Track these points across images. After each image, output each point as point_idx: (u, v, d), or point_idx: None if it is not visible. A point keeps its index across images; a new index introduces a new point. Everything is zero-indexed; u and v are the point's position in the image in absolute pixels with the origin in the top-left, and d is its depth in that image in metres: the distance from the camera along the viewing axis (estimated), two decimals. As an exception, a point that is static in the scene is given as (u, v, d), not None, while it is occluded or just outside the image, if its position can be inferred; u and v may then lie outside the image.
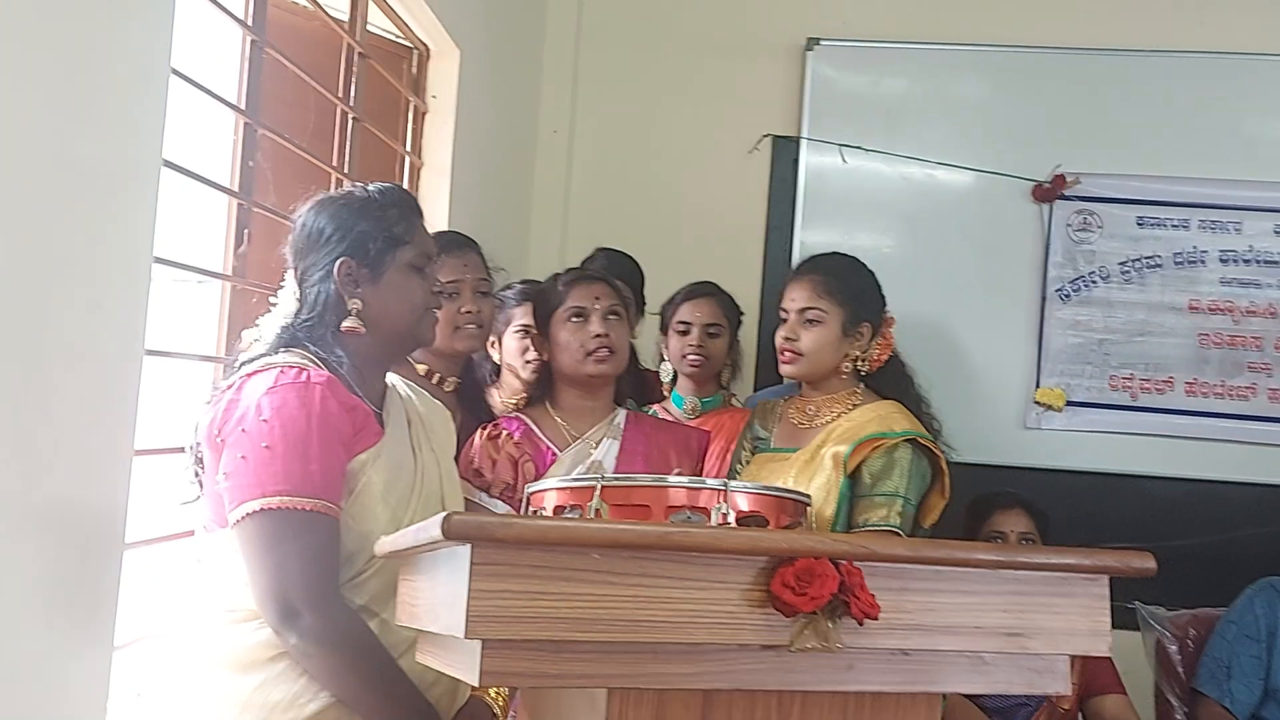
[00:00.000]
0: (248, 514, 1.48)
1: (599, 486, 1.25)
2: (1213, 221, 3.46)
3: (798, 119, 3.62)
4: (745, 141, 3.67)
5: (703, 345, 2.63)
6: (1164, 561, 1.41)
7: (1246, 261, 3.46)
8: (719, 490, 1.24)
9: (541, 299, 2.16)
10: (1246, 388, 3.43)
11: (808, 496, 1.34)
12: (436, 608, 1.12)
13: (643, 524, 1.07)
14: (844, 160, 3.56)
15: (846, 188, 3.57)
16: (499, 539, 0.96)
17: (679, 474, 1.60)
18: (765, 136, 3.66)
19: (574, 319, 2.07)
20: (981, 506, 2.73)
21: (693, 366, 2.62)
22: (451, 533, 0.95)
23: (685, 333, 2.65)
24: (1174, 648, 2.76)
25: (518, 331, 2.40)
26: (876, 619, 1.03)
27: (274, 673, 1.53)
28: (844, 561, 1.03)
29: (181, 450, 1.63)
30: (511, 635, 0.97)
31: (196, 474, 1.60)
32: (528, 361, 2.36)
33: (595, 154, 3.74)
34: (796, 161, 3.60)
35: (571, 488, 1.28)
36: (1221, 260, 3.46)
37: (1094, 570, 1.10)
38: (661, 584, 1.01)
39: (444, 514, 0.96)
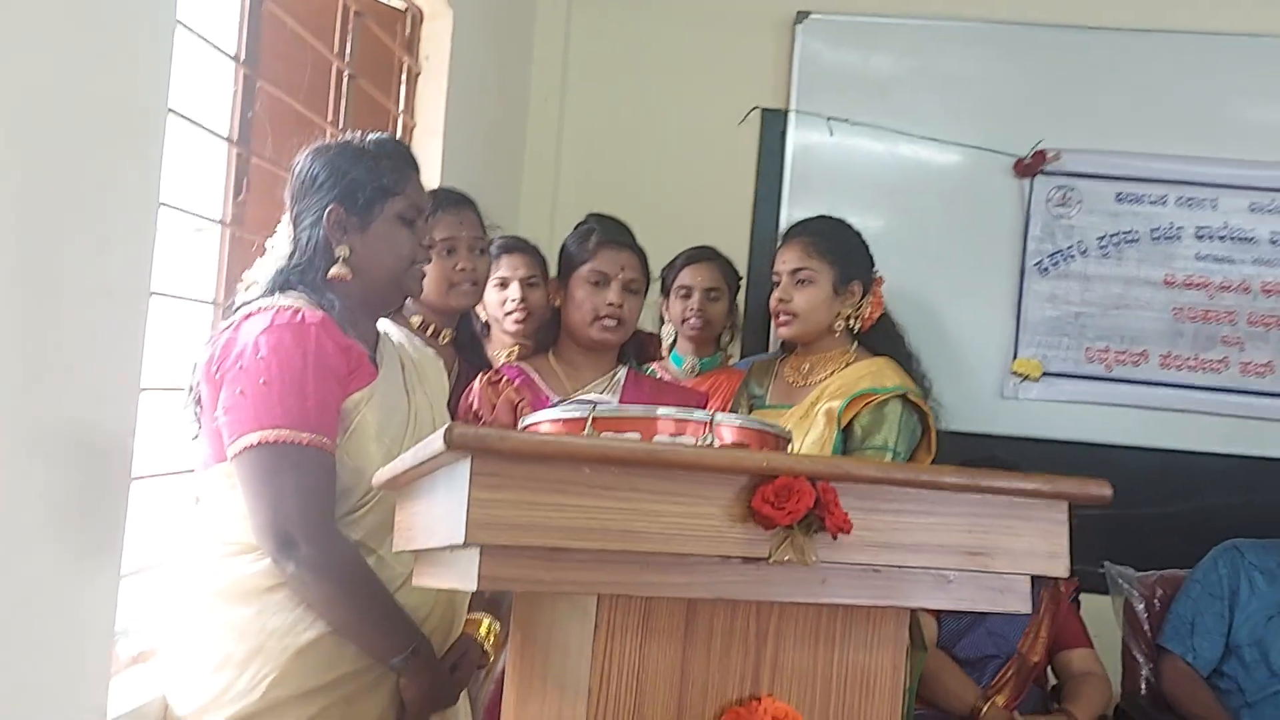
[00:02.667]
0: (246, 447, 1.54)
1: (591, 417, 1.31)
2: (1189, 198, 3.53)
3: (786, 92, 3.66)
4: (734, 113, 3.70)
5: (703, 309, 2.69)
6: (1135, 528, 1.46)
7: (1221, 238, 3.53)
8: (705, 422, 1.31)
9: (569, 251, 2.19)
10: (1219, 361, 3.51)
11: (788, 432, 1.41)
12: (434, 525, 1.18)
13: (632, 441, 1.13)
14: (831, 133, 3.61)
15: (833, 161, 3.62)
16: (497, 450, 1.02)
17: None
18: (754, 109, 3.69)
19: (594, 281, 2.13)
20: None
21: (693, 329, 2.68)
22: (454, 443, 1.01)
23: (686, 296, 2.71)
24: (1140, 606, 2.85)
25: (496, 284, 2.44)
26: (849, 534, 1.10)
27: (271, 602, 1.58)
28: (820, 480, 1.10)
29: (182, 389, 1.69)
30: (508, 541, 1.03)
31: (195, 413, 1.66)
32: (508, 313, 2.42)
33: (586, 122, 3.77)
34: (784, 134, 3.65)
35: (565, 419, 1.34)
36: (1197, 236, 3.53)
37: (1053, 495, 1.17)
38: (650, 498, 1.07)
39: (445, 426, 1.02)
